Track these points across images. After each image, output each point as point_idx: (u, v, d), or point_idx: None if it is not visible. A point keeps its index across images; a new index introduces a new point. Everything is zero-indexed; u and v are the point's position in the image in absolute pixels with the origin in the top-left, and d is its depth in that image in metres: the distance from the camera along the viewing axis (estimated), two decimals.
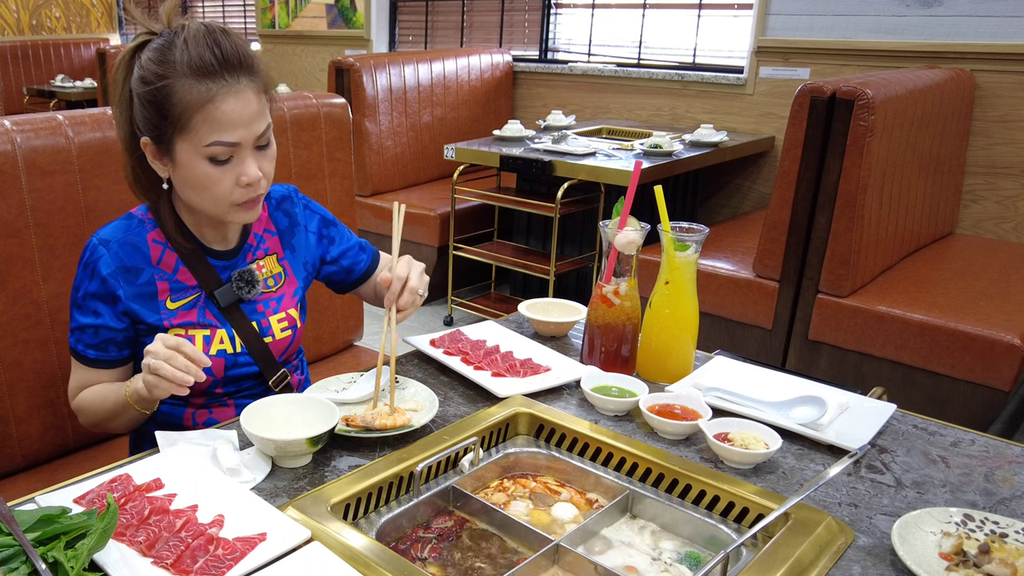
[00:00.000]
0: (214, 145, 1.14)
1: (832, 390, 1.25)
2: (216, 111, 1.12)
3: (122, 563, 0.85)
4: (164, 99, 1.13)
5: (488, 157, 3.32)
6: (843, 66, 3.48)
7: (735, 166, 3.85)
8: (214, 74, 1.12)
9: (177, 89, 1.12)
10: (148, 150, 1.19)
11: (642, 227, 1.28)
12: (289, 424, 1.09)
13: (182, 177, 1.19)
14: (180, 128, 1.14)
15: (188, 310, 1.27)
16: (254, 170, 1.17)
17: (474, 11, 4.96)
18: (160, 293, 1.25)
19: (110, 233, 1.24)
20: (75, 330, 1.26)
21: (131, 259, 1.24)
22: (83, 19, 7.09)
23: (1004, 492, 1.03)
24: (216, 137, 1.13)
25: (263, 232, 1.36)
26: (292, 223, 1.39)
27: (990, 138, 3.20)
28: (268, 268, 1.35)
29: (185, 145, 1.15)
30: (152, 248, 1.25)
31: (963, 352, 2.25)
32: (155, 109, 1.14)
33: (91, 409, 1.27)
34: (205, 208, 1.22)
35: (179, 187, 1.22)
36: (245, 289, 1.29)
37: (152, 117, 1.15)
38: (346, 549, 0.87)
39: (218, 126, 1.13)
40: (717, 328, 2.75)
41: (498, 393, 1.23)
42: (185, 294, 1.27)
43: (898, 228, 2.72)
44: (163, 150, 1.17)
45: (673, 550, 0.98)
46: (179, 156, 1.16)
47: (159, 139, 1.17)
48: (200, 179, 1.17)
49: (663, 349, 1.31)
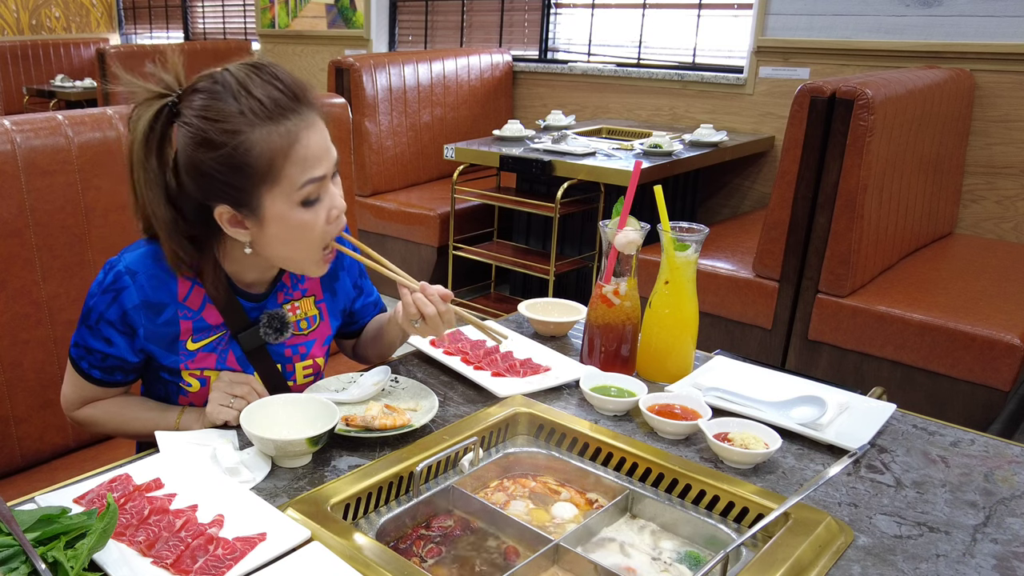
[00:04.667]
0: (307, 185, 1.05)
1: (832, 390, 1.25)
2: (303, 149, 1.04)
3: (122, 563, 0.85)
4: (243, 156, 1.02)
5: (488, 157, 3.32)
6: (843, 66, 3.48)
7: (735, 166, 3.85)
8: (289, 112, 1.03)
9: (256, 141, 1.02)
10: (225, 217, 1.08)
11: (642, 227, 1.28)
12: (289, 424, 1.09)
13: (273, 234, 1.08)
14: (269, 180, 1.04)
15: (208, 352, 1.19)
16: (340, 199, 1.10)
17: (474, 11, 4.95)
18: (183, 333, 1.17)
19: (138, 262, 1.14)
20: (81, 347, 1.18)
21: (156, 294, 1.15)
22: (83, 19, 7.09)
23: (1004, 492, 1.03)
24: (308, 176, 1.05)
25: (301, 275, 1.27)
26: (338, 266, 1.32)
27: (990, 138, 3.20)
28: (303, 310, 1.27)
29: (276, 198, 1.05)
30: (181, 283, 1.16)
31: (963, 352, 2.25)
32: (233, 171, 1.03)
33: (109, 427, 1.25)
34: (295, 260, 1.13)
35: (266, 246, 1.11)
36: (272, 335, 1.21)
37: (231, 180, 1.04)
38: (346, 549, 0.87)
39: (307, 165, 1.04)
40: (717, 328, 2.75)
41: (498, 393, 1.23)
42: (208, 334, 1.19)
43: (898, 228, 2.72)
44: (247, 211, 1.07)
45: (673, 550, 0.98)
46: (269, 212, 1.06)
47: (241, 202, 1.06)
48: (296, 229, 1.07)
49: (663, 349, 1.31)
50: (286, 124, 1.03)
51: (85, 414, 1.25)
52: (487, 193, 3.47)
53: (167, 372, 1.21)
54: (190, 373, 1.20)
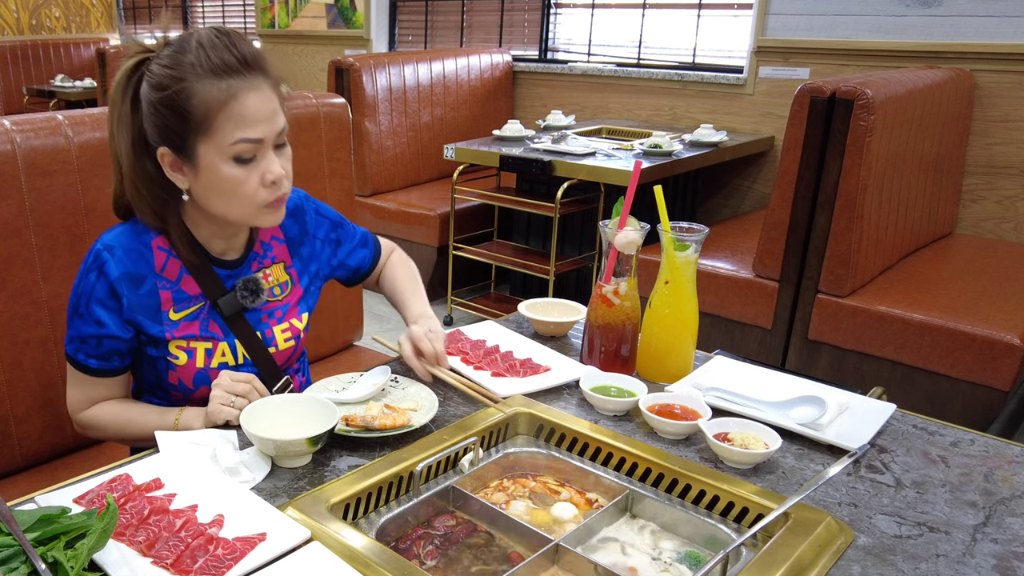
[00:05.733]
0: (239, 143, 1.12)
1: (832, 390, 1.25)
2: (239, 107, 1.11)
3: (122, 563, 0.85)
4: (184, 102, 1.10)
5: (488, 157, 3.32)
6: (843, 66, 3.48)
7: (735, 166, 3.85)
8: (233, 72, 1.11)
9: (198, 90, 1.10)
10: (166, 160, 1.16)
11: (642, 227, 1.28)
12: (289, 424, 1.09)
13: (206, 184, 1.15)
14: (203, 130, 1.11)
15: (191, 321, 1.25)
16: (277, 167, 1.16)
17: (474, 11, 4.95)
18: (163, 303, 1.23)
19: (114, 239, 1.21)
20: (75, 339, 1.22)
21: (136, 266, 1.21)
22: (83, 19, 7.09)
23: (1004, 492, 1.03)
24: (241, 134, 1.11)
25: (270, 240, 1.34)
26: (302, 232, 1.38)
27: (990, 138, 3.20)
28: (275, 276, 1.33)
29: (209, 148, 1.12)
30: (156, 255, 1.23)
31: (963, 352, 2.25)
32: (174, 114, 1.11)
33: (111, 429, 1.26)
34: (231, 214, 1.19)
35: (202, 196, 1.18)
36: (249, 298, 1.27)
37: (171, 123, 1.12)
38: (346, 549, 0.87)
39: (242, 123, 1.11)
40: (717, 328, 2.75)
41: (498, 393, 1.23)
42: (188, 304, 1.24)
43: (898, 228, 2.72)
44: (184, 157, 1.14)
45: (673, 550, 0.98)
46: (203, 160, 1.13)
47: (180, 146, 1.13)
48: (226, 182, 1.14)
49: (663, 349, 1.31)
50: (228, 81, 1.11)
51: (89, 415, 1.27)
52: (487, 193, 3.47)
53: (154, 347, 1.24)
54: (176, 345, 1.24)
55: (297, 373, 1.42)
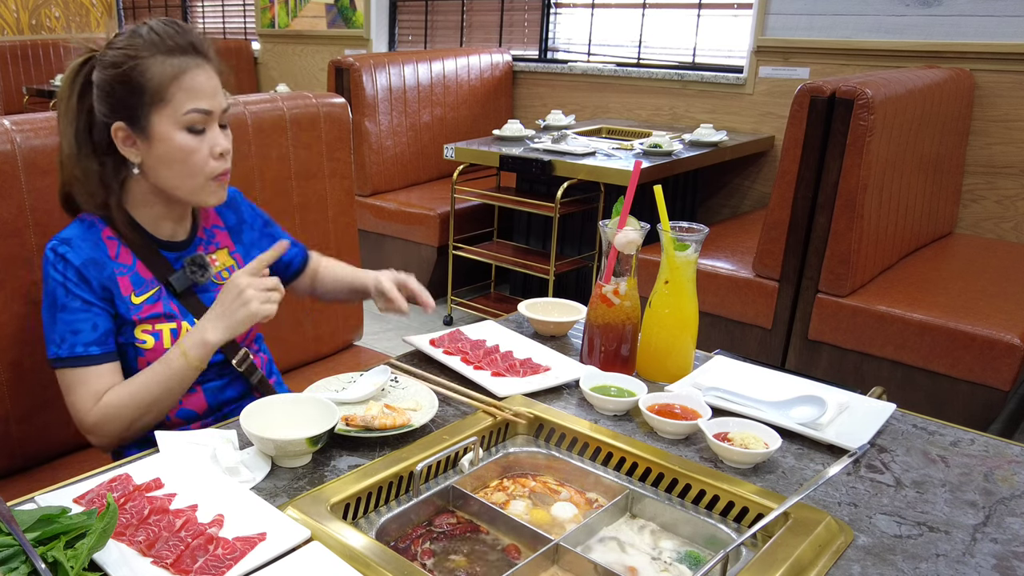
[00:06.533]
0: (191, 113, 1.21)
1: (832, 390, 1.25)
2: (191, 81, 1.21)
3: (122, 563, 0.85)
4: (139, 76, 1.19)
5: (488, 157, 3.32)
6: (843, 66, 3.48)
7: (735, 166, 3.85)
8: (183, 51, 1.21)
9: (151, 65, 1.19)
10: (120, 135, 1.22)
11: (642, 227, 1.28)
12: (289, 424, 1.09)
13: (159, 154, 1.22)
14: (157, 101, 1.20)
15: (153, 303, 1.29)
16: (224, 140, 1.25)
17: (474, 11, 4.95)
18: (124, 288, 1.27)
19: (67, 233, 1.26)
20: (67, 336, 1.22)
21: (93, 253, 1.25)
22: (83, 19, 7.09)
23: (1004, 492, 1.03)
24: (193, 104, 1.21)
25: (212, 227, 1.41)
26: (240, 220, 1.46)
27: (990, 138, 3.20)
28: (221, 261, 1.39)
29: (163, 118, 1.20)
30: (108, 244, 1.28)
31: (963, 352, 2.25)
32: (130, 88, 1.19)
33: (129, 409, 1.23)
34: (181, 186, 1.25)
35: (154, 168, 1.24)
36: (199, 272, 1.33)
37: (127, 97, 1.20)
38: (346, 549, 0.87)
39: (193, 95, 1.21)
40: (717, 328, 2.75)
41: (498, 393, 1.23)
42: (147, 288, 1.29)
43: (898, 228, 2.72)
44: (138, 129, 1.21)
45: (673, 550, 0.98)
46: (156, 130, 1.21)
47: (134, 119, 1.21)
48: (179, 150, 1.22)
49: (663, 349, 1.31)
50: (179, 58, 1.21)
51: (101, 409, 1.23)
52: (487, 193, 3.47)
53: (121, 332, 1.28)
54: (142, 329, 1.28)
55: (257, 353, 1.44)
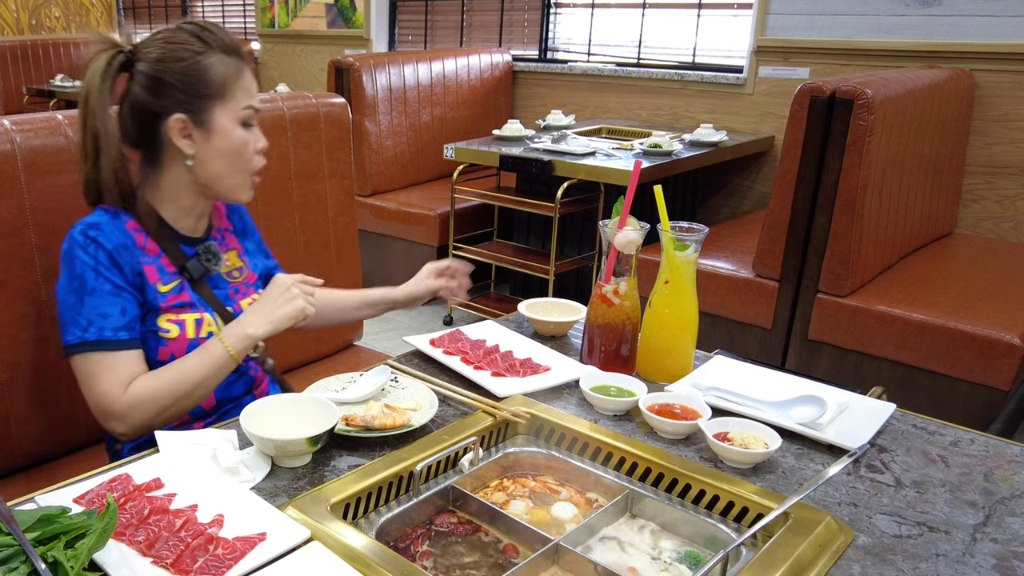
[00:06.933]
0: (247, 109, 1.30)
1: (832, 390, 1.25)
2: (246, 80, 1.31)
3: (122, 563, 0.85)
4: (204, 71, 1.26)
5: (488, 157, 3.32)
6: (843, 66, 3.48)
7: (735, 166, 3.85)
8: (235, 52, 1.30)
9: (215, 63, 1.27)
10: (177, 127, 1.26)
11: (642, 227, 1.28)
12: (289, 424, 1.09)
13: (217, 146, 1.28)
14: (220, 96, 1.27)
15: (177, 293, 1.32)
16: (264, 139, 1.35)
17: (474, 11, 4.95)
18: (151, 276, 1.29)
19: (95, 219, 1.27)
20: (95, 319, 1.22)
21: (122, 239, 1.27)
22: (83, 19, 7.09)
23: (1004, 491, 1.04)
24: (248, 101, 1.30)
25: (223, 229, 1.46)
26: (245, 227, 1.52)
27: (990, 138, 3.20)
28: (231, 262, 1.43)
29: (224, 112, 1.28)
30: (135, 235, 1.30)
31: (963, 352, 2.25)
32: (193, 82, 1.25)
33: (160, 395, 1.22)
34: (229, 177, 1.31)
35: (208, 159, 1.29)
36: (212, 261, 1.37)
37: (190, 91, 1.25)
38: (346, 549, 0.87)
39: (248, 93, 1.30)
40: (717, 328, 2.75)
41: (498, 393, 1.23)
42: (172, 277, 1.32)
43: (898, 228, 2.72)
44: (199, 122, 1.27)
45: (673, 549, 0.98)
46: (218, 124, 1.28)
47: (197, 111, 1.26)
48: (234, 143, 1.29)
49: (663, 349, 1.31)
50: (234, 58, 1.30)
51: (131, 396, 1.22)
52: (487, 193, 3.47)
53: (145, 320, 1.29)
54: (167, 318, 1.30)
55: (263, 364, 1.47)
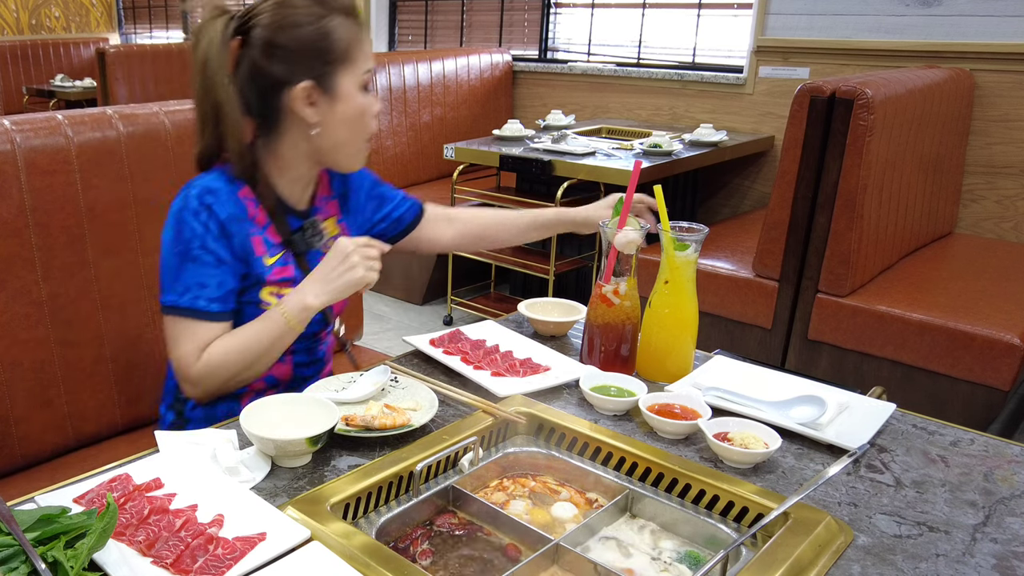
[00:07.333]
0: (367, 73, 1.28)
1: (832, 390, 1.25)
2: (365, 43, 1.29)
3: (122, 563, 0.85)
4: (326, 35, 1.23)
5: (488, 157, 3.32)
6: (843, 66, 3.48)
7: (735, 166, 3.85)
8: (356, 15, 1.28)
9: (337, 26, 1.24)
10: (302, 94, 1.24)
11: (642, 227, 1.28)
12: (289, 424, 1.09)
13: (342, 112, 1.27)
14: (344, 60, 1.25)
15: (282, 266, 1.33)
16: (378, 102, 1.34)
17: (473, 11, 4.95)
18: (258, 248, 1.30)
19: (212, 183, 1.26)
20: (192, 287, 1.24)
21: (236, 208, 1.27)
22: (83, 19, 7.09)
23: (1004, 491, 1.04)
24: (367, 65, 1.29)
25: (323, 197, 1.43)
26: (347, 188, 1.48)
27: (990, 138, 3.20)
28: (329, 231, 1.42)
29: (348, 77, 1.26)
30: (247, 204, 1.29)
31: (963, 352, 2.25)
32: (319, 48, 1.23)
33: (231, 362, 1.25)
34: (350, 143, 1.30)
35: (332, 126, 1.28)
36: (316, 238, 1.38)
37: (316, 57, 1.23)
38: (346, 549, 0.87)
39: (367, 56, 1.29)
40: (717, 328, 2.75)
41: (498, 393, 1.23)
42: (277, 249, 1.33)
43: (898, 228, 2.72)
44: (325, 88, 1.25)
45: (673, 549, 0.98)
46: (343, 90, 1.26)
47: (322, 78, 1.24)
48: (358, 108, 1.28)
49: (663, 349, 1.31)
50: (353, 20, 1.27)
51: (205, 361, 1.25)
52: (487, 193, 3.47)
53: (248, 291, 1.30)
54: (269, 291, 1.32)
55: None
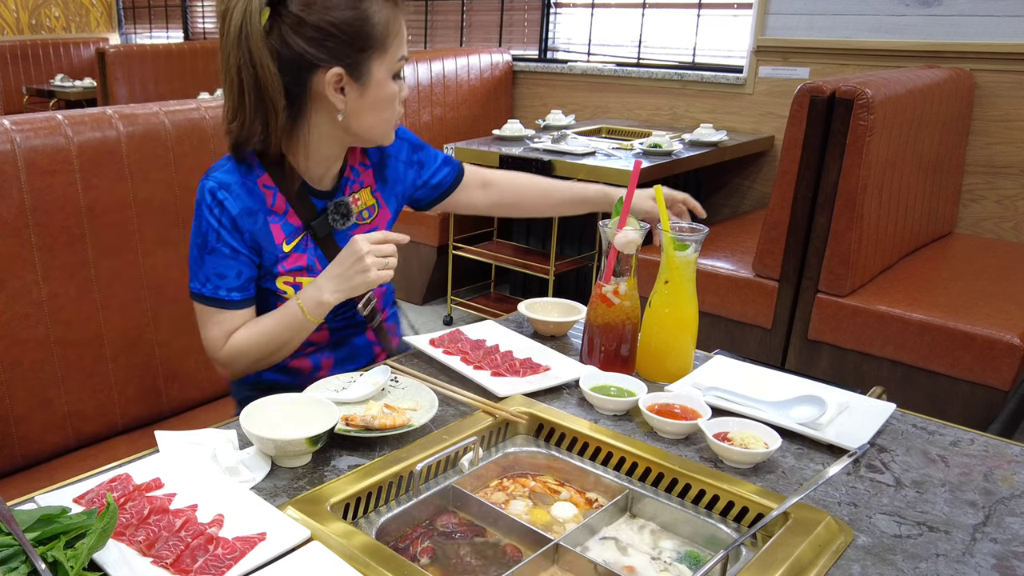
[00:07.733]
0: (400, 60, 1.25)
1: (832, 389, 1.25)
2: (402, 29, 1.24)
3: (122, 563, 0.85)
4: (363, 21, 1.19)
5: (488, 157, 3.32)
6: (843, 66, 3.48)
7: (735, 166, 3.85)
8: None
9: (375, 11, 1.19)
10: (333, 80, 1.21)
11: (642, 227, 1.28)
12: (289, 424, 1.09)
13: (372, 99, 1.24)
14: (378, 47, 1.21)
15: (300, 253, 1.33)
16: (407, 87, 1.31)
17: (473, 11, 4.95)
18: (275, 236, 1.30)
19: (227, 177, 1.27)
20: (212, 277, 1.28)
21: (250, 201, 1.27)
22: (82, 19, 7.10)
23: (1003, 491, 1.04)
24: (401, 51, 1.24)
25: (358, 165, 1.41)
26: (384, 156, 1.45)
27: (990, 138, 3.20)
28: (363, 201, 1.40)
29: (381, 65, 1.22)
30: (265, 193, 1.29)
31: (963, 352, 2.25)
32: (354, 34, 1.19)
33: (253, 350, 1.30)
34: (377, 128, 1.28)
35: (360, 112, 1.25)
36: (340, 221, 1.34)
37: (350, 43, 1.19)
38: (346, 549, 0.87)
39: (401, 41, 1.24)
40: (717, 328, 2.75)
41: (498, 393, 1.23)
42: (296, 234, 1.32)
43: (897, 228, 2.72)
44: (357, 75, 1.22)
45: (673, 549, 0.98)
46: (375, 77, 1.23)
47: (354, 64, 1.21)
48: (387, 96, 1.25)
49: (663, 349, 1.31)
50: (391, 4, 1.22)
51: (230, 347, 1.30)
52: None
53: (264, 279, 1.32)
54: (284, 280, 1.32)
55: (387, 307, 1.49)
